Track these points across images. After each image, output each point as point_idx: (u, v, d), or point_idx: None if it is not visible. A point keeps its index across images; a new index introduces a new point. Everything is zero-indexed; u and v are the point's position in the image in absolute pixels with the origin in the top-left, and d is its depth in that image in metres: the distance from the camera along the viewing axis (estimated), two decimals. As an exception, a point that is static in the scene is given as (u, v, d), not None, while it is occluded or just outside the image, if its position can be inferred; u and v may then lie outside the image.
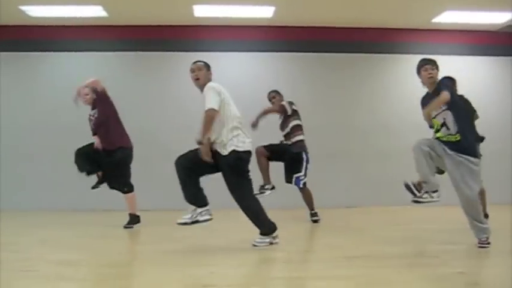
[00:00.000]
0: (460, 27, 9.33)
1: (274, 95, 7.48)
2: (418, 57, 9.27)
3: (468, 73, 9.02)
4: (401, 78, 9.45)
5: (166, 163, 5.77)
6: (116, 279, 3.94)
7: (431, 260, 4.51)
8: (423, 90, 5.20)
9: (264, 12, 8.63)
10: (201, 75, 5.45)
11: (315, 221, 7.13)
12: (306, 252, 5.27)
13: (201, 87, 5.38)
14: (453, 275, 3.92)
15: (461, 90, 6.41)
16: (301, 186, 7.07)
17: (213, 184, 5.37)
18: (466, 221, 4.99)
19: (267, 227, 5.27)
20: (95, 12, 8.36)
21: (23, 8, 8.14)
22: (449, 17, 8.82)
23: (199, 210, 5.22)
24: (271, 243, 5.23)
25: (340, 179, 9.21)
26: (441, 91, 4.84)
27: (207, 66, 5.58)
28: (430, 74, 5.02)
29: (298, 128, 7.19)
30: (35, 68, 9.16)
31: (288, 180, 7.14)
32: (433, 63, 5.11)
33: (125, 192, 6.75)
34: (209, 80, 5.49)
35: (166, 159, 5.86)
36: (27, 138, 8.87)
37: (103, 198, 7.32)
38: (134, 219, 6.77)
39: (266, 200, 6.30)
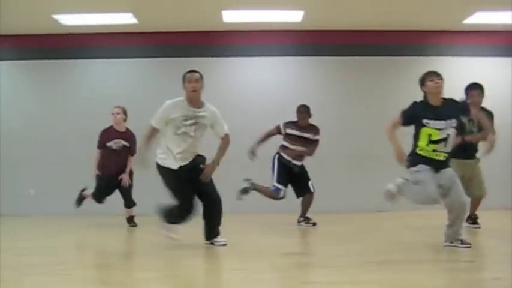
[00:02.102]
0: (492, 28, 9.18)
1: (304, 112, 7.30)
2: (449, 59, 9.32)
3: (497, 75, 8.90)
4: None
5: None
6: (149, 282, 3.97)
7: (466, 265, 4.45)
8: (454, 92, 5.20)
9: (293, 17, 8.63)
10: (199, 88, 5.49)
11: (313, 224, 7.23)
12: (335, 257, 5.23)
13: (198, 101, 5.48)
14: (488, 280, 3.86)
15: (491, 92, 6.36)
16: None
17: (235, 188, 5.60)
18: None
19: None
20: (125, 19, 8.47)
21: (56, 16, 8.29)
22: (480, 18, 8.67)
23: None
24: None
25: (371, 183, 9.13)
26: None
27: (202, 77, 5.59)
28: (437, 84, 5.02)
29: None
30: (68, 75, 9.32)
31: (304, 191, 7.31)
32: (438, 74, 5.12)
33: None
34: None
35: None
36: (64, 144, 9.04)
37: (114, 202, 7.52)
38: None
39: (287, 205, 6.31)
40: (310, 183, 7.24)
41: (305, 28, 9.12)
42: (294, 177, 7.23)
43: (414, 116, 5.10)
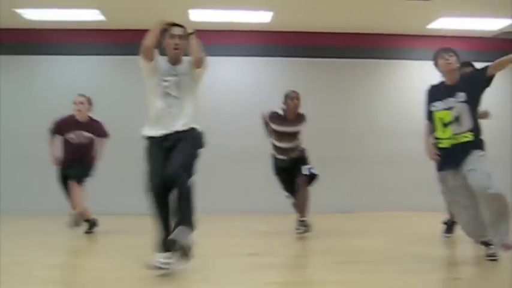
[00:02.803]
0: (455, 34, 9.37)
1: (295, 98, 6.42)
2: (414, 63, 9.47)
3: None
4: (397, 84, 9.49)
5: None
6: (112, 282, 3.94)
7: (426, 266, 4.53)
8: (419, 96, 5.07)
9: (262, 17, 8.65)
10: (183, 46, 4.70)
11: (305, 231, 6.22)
12: (300, 257, 5.27)
13: (179, 60, 4.69)
14: (449, 280, 3.94)
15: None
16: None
17: (203, 187, 5.35)
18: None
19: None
20: (92, 16, 8.37)
21: (19, 11, 8.13)
22: (444, 23, 8.87)
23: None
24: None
25: (336, 184, 9.23)
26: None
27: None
28: (447, 60, 4.60)
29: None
30: (32, 71, 9.15)
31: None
32: (449, 50, 4.73)
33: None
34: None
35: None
36: (22, 141, 8.87)
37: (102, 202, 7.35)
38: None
39: (258, 205, 6.33)
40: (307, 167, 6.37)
41: (274, 29, 9.15)
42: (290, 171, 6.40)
43: (429, 101, 4.73)
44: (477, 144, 4.55)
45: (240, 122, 8.18)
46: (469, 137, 4.50)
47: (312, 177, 6.36)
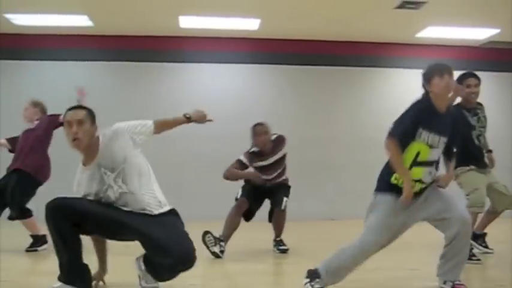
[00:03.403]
0: (443, 43, 9.45)
1: (262, 133, 5.88)
2: (402, 71, 9.53)
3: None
4: (385, 92, 9.54)
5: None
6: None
7: (415, 273, 4.54)
8: (405, 104, 4.53)
9: (250, 25, 8.68)
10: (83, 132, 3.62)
11: (286, 251, 5.80)
12: (286, 265, 5.27)
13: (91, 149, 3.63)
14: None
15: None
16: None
17: (188, 194, 5.35)
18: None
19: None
20: (80, 21, 8.36)
21: (8, 16, 8.11)
22: (432, 32, 8.95)
23: None
24: None
25: (322, 192, 9.25)
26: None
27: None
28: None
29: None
30: (20, 76, 9.11)
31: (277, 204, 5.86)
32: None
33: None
34: None
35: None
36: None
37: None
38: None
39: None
40: (285, 199, 5.86)
41: (261, 36, 9.18)
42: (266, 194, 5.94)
43: (418, 123, 3.59)
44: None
45: (226, 129, 8.18)
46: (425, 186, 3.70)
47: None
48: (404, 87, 8.68)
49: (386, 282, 4.16)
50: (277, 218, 5.87)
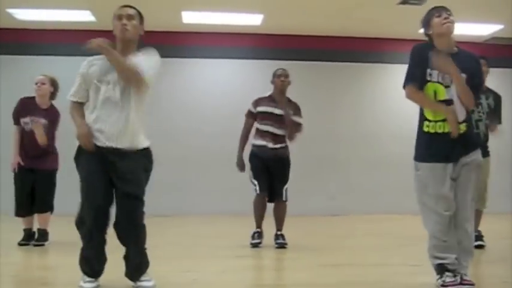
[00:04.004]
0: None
1: (283, 76, 5.98)
2: (405, 67, 9.47)
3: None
4: (387, 88, 9.51)
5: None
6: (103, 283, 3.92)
7: (417, 269, 4.54)
8: (408, 101, 4.40)
9: (253, 20, 8.67)
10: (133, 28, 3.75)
11: (284, 246, 5.68)
12: (288, 260, 5.28)
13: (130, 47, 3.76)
14: (433, 285, 3.95)
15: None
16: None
17: (192, 189, 5.34)
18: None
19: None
20: (83, 16, 8.35)
21: (10, 10, 8.10)
22: (435, 28, 8.92)
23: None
24: None
25: (325, 187, 9.25)
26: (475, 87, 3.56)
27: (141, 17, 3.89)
28: (447, 19, 3.62)
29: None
30: (23, 71, 9.09)
31: (278, 195, 5.77)
32: (448, 10, 3.73)
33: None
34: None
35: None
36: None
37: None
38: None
39: (245, 207, 6.34)
40: (285, 188, 5.80)
41: (264, 32, 9.17)
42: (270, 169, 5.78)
43: (422, 62, 3.62)
44: (477, 143, 3.81)
45: (228, 124, 8.18)
46: (466, 127, 3.57)
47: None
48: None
49: (390, 278, 4.16)
50: (277, 209, 5.83)
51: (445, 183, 3.54)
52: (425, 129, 3.59)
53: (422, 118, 3.64)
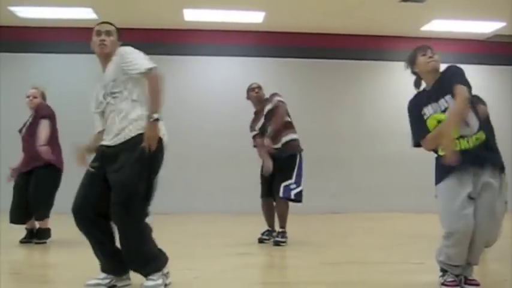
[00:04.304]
0: (449, 36, 9.41)
1: (257, 89, 6.17)
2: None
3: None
4: (390, 86, 9.51)
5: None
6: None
7: (416, 267, 4.54)
8: (409, 98, 4.46)
9: (254, 18, 8.67)
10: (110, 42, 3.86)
11: (279, 243, 5.65)
12: (290, 258, 5.27)
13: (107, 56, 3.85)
14: (437, 283, 3.95)
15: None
16: (292, 197, 5.72)
17: (193, 187, 5.33)
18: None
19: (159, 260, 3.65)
20: (84, 14, 8.35)
21: (12, 8, 8.11)
22: (437, 26, 8.90)
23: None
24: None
25: (326, 185, 9.24)
26: (455, 84, 3.49)
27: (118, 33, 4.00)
28: (432, 58, 3.71)
29: (289, 125, 6.03)
30: (25, 69, 9.12)
31: (275, 192, 5.71)
32: (429, 47, 3.84)
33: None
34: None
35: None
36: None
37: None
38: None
39: (248, 205, 6.34)
40: (283, 185, 5.69)
41: (266, 29, 9.17)
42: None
43: (419, 116, 3.71)
44: (495, 147, 3.66)
45: (229, 122, 8.20)
46: (482, 135, 3.53)
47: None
48: (410, 81, 8.63)
49: (392, 276, 4.15)
50: (276, 206, 5.80)
51: (458, 199, 3.41)
52: (441, 152, 3.54)
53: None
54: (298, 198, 5.77)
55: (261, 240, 5.78)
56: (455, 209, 3.40)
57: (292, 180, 5.75)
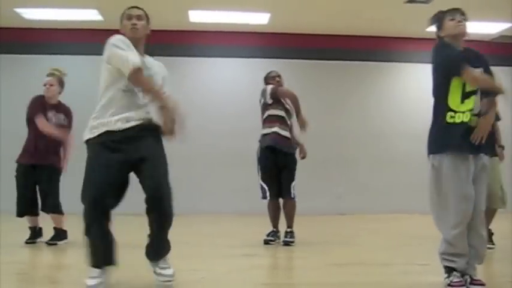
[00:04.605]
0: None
1: (277, 77, 6.26)
2: (413, 66, 9.47)
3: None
4: (395, 87, 9.50)
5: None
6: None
7: (422, 268, 4.53)
8: (417, 98, 4.30)
9: (259, 19, 8.67)
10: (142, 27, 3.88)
11: (289, 243, 5.70)
12: (296, 259, 5.28)
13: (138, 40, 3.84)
14: (442, 284, 3.94)
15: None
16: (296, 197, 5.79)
17: (198, 188, 5.32)
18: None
19: None
20: (90, 15, 8.38)
21: (19, 10, 8.14)
22: (443, 27, 8.89)
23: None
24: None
25: (332, 186, 9.24)
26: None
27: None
28: (460, 22, 3.63)
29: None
30: (31, 70, 9.14)
31: (286, 192, 5.74)
32: (461, 11, 3.72)
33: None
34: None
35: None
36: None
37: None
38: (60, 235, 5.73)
39: (254, 206, 6.34)
40: (292, 185, 5.77)
41: (271, 30, 9.18)
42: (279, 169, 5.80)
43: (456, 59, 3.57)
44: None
45: (235, 123, 8.21)
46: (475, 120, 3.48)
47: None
48: (415, 81, 8.64)
49: (398, 277, 4.15)
50: (286, 206, 5.80)
51: (468, 181, 3.42)
52: (449, 120, 3.48)
53: (445, 108, 3.51)
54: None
55: (266, 242, 5.78)
56: (468, 192, 3.40)
57: (296, 181, 5.81)
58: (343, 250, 5.57)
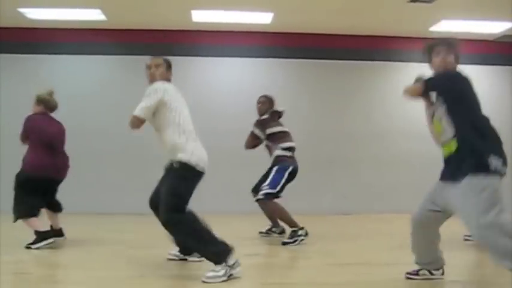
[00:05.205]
0: (458, 36, 9.33)
1: (262, 100, 6.50)
2: (415, 66, 9.42)
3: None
4: (398, 86, 9.40)
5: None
6: (111, 281, 3.93)
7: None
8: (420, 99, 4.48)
9: (263, 18, 8.66)
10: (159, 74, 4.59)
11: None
12: (298, 259, 5.27)
13: None
14: (447, 283, 3.93)
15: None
16: (260, 197, 6.02)
17: (201, 188, 5.30)
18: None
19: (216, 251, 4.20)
20: (93, 15, 8.38)
21: (22, 10, 8.15)
22: (446, 26, 8.86)
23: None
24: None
25: (336, 186, 9.23)
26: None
27: (167, 64, 4.70)
28: (442, 61, 3.83)
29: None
30: (33, 70, 9.16)
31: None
32: (448, 45, 3.92)
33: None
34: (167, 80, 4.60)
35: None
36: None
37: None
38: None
39: (257, 206, 6.34)
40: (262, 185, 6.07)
41: (274, 30, 9.16)
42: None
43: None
44: (468, 159, 3.49)
45: (238, 123, 8.17)
46: (454, 145, 3.63)
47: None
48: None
49: (402, 277, 4.14)
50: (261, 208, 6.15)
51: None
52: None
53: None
54: (265, 198, 6.02)
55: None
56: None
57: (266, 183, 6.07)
58: (346, 250, 5.56)
